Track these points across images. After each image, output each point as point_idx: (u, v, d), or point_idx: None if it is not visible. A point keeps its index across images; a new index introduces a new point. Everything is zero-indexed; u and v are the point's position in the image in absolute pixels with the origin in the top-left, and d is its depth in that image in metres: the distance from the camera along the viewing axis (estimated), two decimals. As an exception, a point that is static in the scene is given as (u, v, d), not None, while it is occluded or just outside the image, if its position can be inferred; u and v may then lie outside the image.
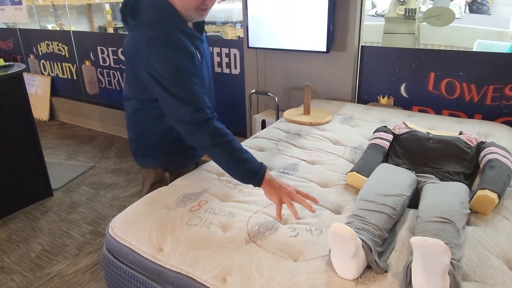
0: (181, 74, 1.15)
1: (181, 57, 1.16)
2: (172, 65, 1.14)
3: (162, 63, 1.13)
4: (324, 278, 0.95)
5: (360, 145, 1.72)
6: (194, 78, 1.18)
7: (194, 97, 1.16)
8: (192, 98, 1.16)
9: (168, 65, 1.14)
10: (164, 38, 1.15)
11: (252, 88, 2.73)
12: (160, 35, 1.15)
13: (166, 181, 1.50)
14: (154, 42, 1.13)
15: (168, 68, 1.14)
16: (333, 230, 0.90)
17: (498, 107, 2.04)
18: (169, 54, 1.14)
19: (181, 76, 1.15)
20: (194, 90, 1.17)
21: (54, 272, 1.97)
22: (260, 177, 1.16)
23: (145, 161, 1.48)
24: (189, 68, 1.17)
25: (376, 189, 1.18)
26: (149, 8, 1.19)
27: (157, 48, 1.13)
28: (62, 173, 3.02)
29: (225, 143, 1.16)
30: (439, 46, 3.68)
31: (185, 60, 1.16)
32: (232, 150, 1.17)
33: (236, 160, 1.17)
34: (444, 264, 0.80)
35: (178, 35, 1.18)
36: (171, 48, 1.14)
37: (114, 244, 1.20)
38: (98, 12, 5.73)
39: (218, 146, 1.16)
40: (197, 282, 1.02)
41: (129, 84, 1.33)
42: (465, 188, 1.21)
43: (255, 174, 1.16)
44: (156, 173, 1.50)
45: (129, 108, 1.38)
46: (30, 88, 4.34)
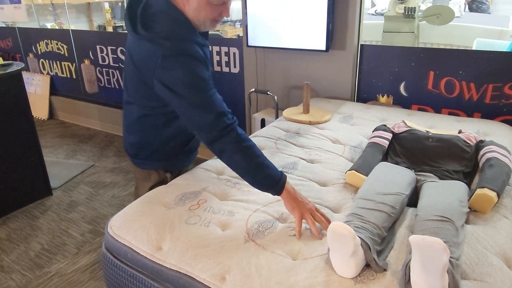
0: (200, 83, 1.14)
1: (199, 66, 1.15)
2: (191, 74, 1.13)
3: (181, 73, 1.12)
4: (323, 276, 0.95)
5: (359, 144, 1.72)
6: (212, 86, 1.17)
7: (215, 104, 1.14)
8: (213, 105, 1.13)
9: (187, 75, 1.12)
10: (181, 49, 1.13)
11: (251, 87, 2.73)
12: (177, 47, 1.13)
13: (167, 182, 1.49)
14: (172, 53, 1.12)
15: (187, 77, 1.12)
16: (332, 228, 0.90)
17: (498, 106, 2.04)
18: (187, 64, 1.13)
19: (201, 85, 1.14)
20: (214, 97, 1.15)
21: (53, 271, 1.97)
22: (281, 185, 1.13)
23: (146, 164, 1.47)
24: (207, 77, 1.16)
25: (375, 188, 1.18)
26: (164, 19, 1.16)
27: (175, 59, 1.12)
28: (61, 172, 3.02)
29: (247, 148, 1.13)
30: (439, 44, 3.68)
31: (202, 69, 1.16)
32: (254, 156, 1.13)
33: (257, 167, 1.13)
34: (443, 263, 0.80)
35: (194, 46, 1.17)
36: (189, 58, 1.13)
37: (113, 243, 1.20)
38: (98, 11, 5.72)
39: (241, 152, 1.12)
40: (196, 280, 1.02)
41: (134, 89, 1.30)
42: (464, 187, 1.21)
43: (276, 181, 1.12)
44: (158, 175, 1.49)
45: (132, 113, 1.36)
46: (29, 87, 4.34)
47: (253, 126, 2.63)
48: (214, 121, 1.11)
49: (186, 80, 1.12)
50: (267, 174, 1.13)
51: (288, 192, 1.13)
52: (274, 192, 1.14)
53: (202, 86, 1.14)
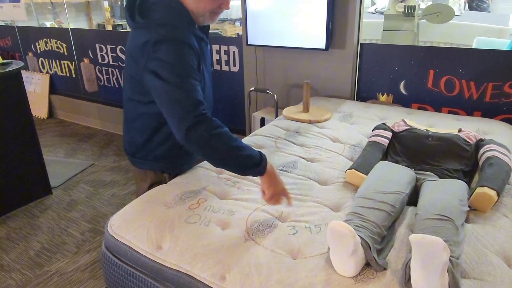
0: (186, 68, 1.12)
1: (189, 53, 1.14)
2: (179, 59, 1.12)
3: (169, 57, 1.11)
4: (323, 275, 0.95)
5: (359, 143, 1.72)
6: (197, 76, 1.16)
7: (196, 92, 1.12)
8: (194, 93, 1.12)
9: (174, 59, 1.11)
10: (175, 36, 1.13)
11: (251, 85, 2.72)
12: (170, 34, 1.13)
13: (165, 182, 1.48)
14: (164, 39, 1.11)
15: (174, 62, 1.11)
16: (332, 227, 0.90)
17: (497, 104, 2.04)
18: (177, 50, 1.12)
19: (186, 70, 1.12)
20: (195, 87, 1.13)
21: (53, 270, 1.97)
22: (263, 164, 1.12)
23: (143, 163, 1.45)
24: (194, 66, 1.15)
25: (375, 187, 1.18)
26: (161, 7, 1.17)
27: (166, 44, 1.11)
28: (61, 171, 3.02)
29: (223, 133, 1.10)
30: (439, 43, 3.67)
31: (192, 57, 1.14)
32: (231, 139, 1.10)
33: (236, 149, 1.10)
34: (442, 262, 0.80)
35: (189, 35, 1.17)
36: (180, 44, 1.12)
37: (113, 242, 1.20)
38: (97, 9, 5.71)
39: (217, 137, 1.09)
40: (196, 279, 1.02)
41: (130, 85, 1.30)
42: (464, 186, 1.21)
43: (258, 161, 1.11)
44: (155, 175, 1.48)
45: (131, 110, 1.36)
46: (29, 85, 4.33)
47: (253, 125, 2.63)
48: (191, 109, 1.09)
49: (173, 62, 1.10)
50: (248, 154, 1.11)
51: (270, 171, 1.13)
52: (256, 172, 1.12)
53: (187, 72, 1.12)
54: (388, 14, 3.20)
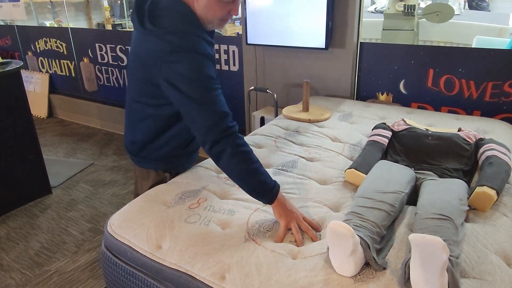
0: (207, 81, 1.12)
1: (207, 63, 1.13)
2: (198, 71, 1.11)
3: (187, 69, 1.10)
4: (323, 275, 0.95)
5: (359, 142, 1.72)
6: (218, 86, 1.15)
7: (219, 105, 1.13)
8: (218, 106, 1.12)
9: (193, 72, 1.10)
10: (189, 45, 1.12)
11: (251, 85, 2.72)
12: (184, 42, 1.12)
13: (166, 182, 1.48)
14: (179, 49, 1.10)
15: (194, 75, 1.10)
16: (331, 227, 0.90)
17: (497, 104, 2.04)
18: (195, 61, 1.11)
19: (208, 83, 1.12)
20: (219, 98, 1.14)
21: (53, 269, 1.97)
22: (274, 193, 1.13)
23: (146, 163, 1.46)
24: (214, 75, 1.15)
25: (375, 186, 1.18)
26: (171, 13, 1.15)
27: (181, 55, 1.10)
28: (60, 170, 3.02)
29: (245, 153, 1.12)
30: (438, 42, 3.67)
31: (210, 67, 1.14)
32: (251, 162, 1.12)
33: (253, 173, 1.12)
34: (442, 261, 0.80)
35: (202, 42, 1.16)
36: (196, 55, 1.12)
37: (112, 242, 1.20)
38: (97, 9, 5.70)
39: (238, 156, 1.11)
40: (196, 279, 1.02)
41: (140, 88, 1.28)
42: (464, 185, 1.21)
43: (269, 190, 1.12)
44: (157, 175, 1.48)
45: (137, 112, 1.35)
46: (28, 85, 4.33)
47: (253, 124, 2.63)
48: (217, 123, 1.10)
49: (192, 77, 1.10)
50: (262, 180, 1.12)
51: (278, 201, 1.13)
52: (266, 201, 1.14)
53: (209, 85, 1.12)
54: (388, 13, 3.19)
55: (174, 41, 1.11)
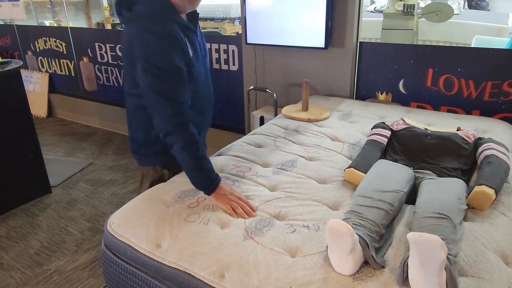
0: (170, 71, 1.17)
1: (174, 52, 1.17)
2: (164, 60, 1.16)
3: (154, 56, 1.15)
4: (322, 273, 0.95)
5: (358, 142, 1.72)
6: (181, 76, 1.20)
7: (177, 97, 1.19)
8: (174, 98, 1.18)
9: (159, 59, 1.15)
10: (158, 30, 1.16)
11: (250, 84, 2.72)
12: (154, 27, 1.16)
13: (165, 179, 1.50)
14: (148, 34, 1.15)
15: (159, 62, 1.15)
16: (330, 226, 0.90)
17: (496, 103, 2.05)
18: (162, 48, 1.16)
19: (170, 74, 1.17)
20: (178, 90, 1.19)
21: (53, 268, 1.97)
22: (212, 188, 1.25)
23: (145, 159, 1.48)
24: (180, 64, 1.19)
25: (374, 185, 1.18)
26: (147, 1, 1.21)
27: (151, 41, 1.15)
28: (60, 170, 3.02)
29: (195, 149, 1.22)
30: (438, 42, 3.68)
31: (176, 56, 1.18)
32: (198, 158, 1.23)
33: (198, 168, 1.24)
34: (440, 260, 0.80)
35: (173, 26, 1.20)
36: (164, 41, 1.16)
37: (112, 241, 1.21)
38: (96, 8, 5.70)
39: (188, 151, 1.22)
40: (195, 278, 1.02)
41: (126, 79, 1.34)
42: (462, 184, 1.22)
43: (208, 185, 1.25)
44: (155, 171, 1.50)
45: (130, 104, 1.39)
46: (28, 85, 4.33)
47: (252, 124, 2.63)
48: (172, 115, 1.18)
49: (157, 64, 1.15)
50: (205, 175, 1.25)
51: (216, 194, 1.25)
52: (205, 192, 1.26)
53: (171, 75, 1.17)
54: (387, 12, 3.20)
55: (145, 24, 1.17)
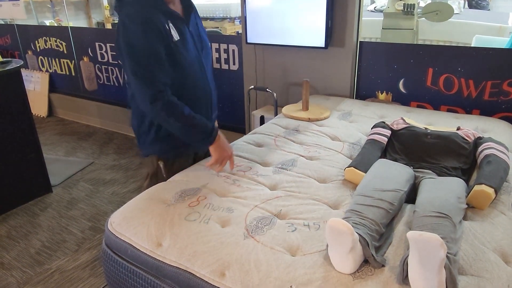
0: (145, 52, 1.24)
1: (150, 34, 1.24)
2: (139, 40, 1.23)
3: (131, 38, 1.23)
4: (322, 272, 0.95)
5: (358, 141, 1.73)
6: (157, 56, 1.25)
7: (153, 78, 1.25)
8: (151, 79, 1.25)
9: (135, 40, 1.23)
10: (137, 15, 1.24)
11: (250, 84, 2.73)
12: (136, 14, 1.24)
13: (160, 172, 1.53)
14: (127, 19, 1.24)
15: (134, 42, 1.23)
16: (331, 224, 0.91)
17: (496, 103, 2.05)
18: (138, 30, 1.23)
19: (145, 55, 1.24)
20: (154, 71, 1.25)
21: (54, 267, 1.98)
22: (211, 139, 1.33)
23: (143, 149, 1.54)
24: (156, 45, 1.25)
25: (374, 184, 1.19)
26: None
27: (131, 26, 1.23)
28: (61, 169, 3.02)
29: (178, 112, 1.29)
30: (438, 41, 3.68)
31: (152, 37, 1.24)
32: (185, 117, 1.29)
33: (190, 126, 1.31)
34: (440, 258, 0.80)
35: (155, 13, 1.27)
36: (141, 24, 1.23)
37: (113, 240, 1.21)
38: (96, 7, 5.70)
39: (173, 116, 1.29)
40: (196, 276, 1.02)
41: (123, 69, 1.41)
42: (462, 183, 1.22)
43: (207, 137, 1.33)
44: (152, 163, 1.55)
45: (128, 93, 1.45)
46: (28, 84, 4.33)
47: (252, 123, 2.63)
48: (150, 97, 1.26)
49: (133, 44, 1.23)
50: (200, 131, 1.33)
51: (216, 142, 1.34)
52: (208, 144, 1.34)
53: (145, 56, 1.24)
54: (387, 12, 3.20)
55: (129, 12, 1.25)
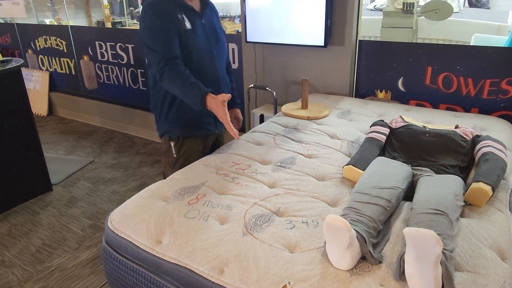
0: (156, 30, 1.47)
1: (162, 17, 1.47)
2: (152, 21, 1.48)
3: (146, 20, 1.49)
4: (319, 269, 0.96)
5: (357, 139, 1.74)
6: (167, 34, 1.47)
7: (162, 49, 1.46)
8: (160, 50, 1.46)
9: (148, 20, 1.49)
10: (156, 6, 1.49)
11: (250, 82, 2.73)
12: (155, 4, 1.49)
13: (171, 151, 1.70)
14: (149, 8, 1.49)
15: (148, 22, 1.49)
16: (328, 221, 0.92)
17: (495, 101, 2.05)
18: (153, 14, 1.48)
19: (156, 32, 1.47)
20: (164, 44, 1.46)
21: (54, 265, 1.99)
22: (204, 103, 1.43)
23: (159, 129, 1.71)
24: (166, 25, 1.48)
25: (372, 182, 1.19)
26: None
27: (148, 12, 1.49)
28: (61, 168, 3.03)
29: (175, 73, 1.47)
30: (437, 40, 3.68)
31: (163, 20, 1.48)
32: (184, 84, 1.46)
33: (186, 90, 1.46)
34: (435, 254, 0.81)
35: (171, 5, 1.50)
36: (155, 10, 1.49)
37: (113, 237, 1.22)
38: (96, 6, 5.70)
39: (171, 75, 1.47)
40: (195, 273, 1.03)
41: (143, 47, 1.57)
42: (460, 181, 1.23)
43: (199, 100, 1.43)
44: (165, 142, 1.71)
45: (150, 77, 1.64)
46: (29, 83, 4.34)
47: (252, 122, 2.64)
48: (158, 62, 1.46)
49: (147, 24, 1.49)
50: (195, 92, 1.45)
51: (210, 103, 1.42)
52: (200, 107, 1.44)
53: (157, 33, 1.47)
54: (387, 11, 3.20)
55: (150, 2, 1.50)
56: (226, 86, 1.75)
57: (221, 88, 1.69)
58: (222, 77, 1.71)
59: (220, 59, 1.70)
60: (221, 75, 1.70)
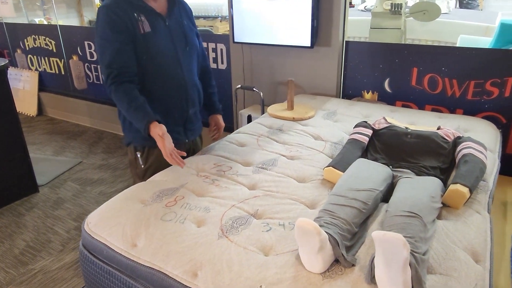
0: (104, 38, 1.41)
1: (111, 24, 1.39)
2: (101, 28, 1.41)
3: (98, 30, 1.42)
4: (292, 272, 0.96)
5: (340, 140, 1.73)
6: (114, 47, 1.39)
7: (108, 61, 1.39)
8: (106, 62, 1.40)
9: (99, 28, 1.42)
10: (108, 9, 1.40)
11: (238, 83, 2.73)
12: (107, 7, 1.40)
13: (138, 161, 1.61)
14: (101, 11, 1.41)
15: (98, 30, 1.42)
16: (298, 225, 0.91)
17: (479, 102, 2.06)
18: (103, 20, 1.40)
19: (103, 40, 1.41)
20: (111, 56, 1.39)
21: (37, 268, 1.97)
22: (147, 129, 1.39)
23: (124, 139, 1.64)
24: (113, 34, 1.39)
25: (349, 184, 1.19)
26: None
27: (100, 16, 1.42)
28: (48, 169, 3.01)
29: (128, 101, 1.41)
30: (426, 41, 3.69)
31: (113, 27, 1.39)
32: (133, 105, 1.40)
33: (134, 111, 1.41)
34: (403, 257, 0.81)
35: (126, 7, 1.41)
36: (106, 15, 1.39)
37: (89, 240, 1.21)
38: (88, 6, 5.66)
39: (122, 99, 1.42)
40: (169, 277, 1.02)
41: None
42: (438, 183, 1.23)
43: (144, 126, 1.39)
44: (130, 152, 1.63)
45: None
46: (18, 83, 4.30)
47: (240, 123, 2.63)
48: (105, 74, 1.42)
49: (97, 32, 1.42)
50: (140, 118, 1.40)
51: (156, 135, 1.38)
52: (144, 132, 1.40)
53: (104, 41, 1.41)
54: (375, 12, 3.21)
55: (105, 3, 1.42)
56: (197, 92, 1.64)
57: (190, 95, 1.59)
58: (192, 83, 1.60)
59: (188, 64, 1.57)
60: (190, 82, 1.58)
